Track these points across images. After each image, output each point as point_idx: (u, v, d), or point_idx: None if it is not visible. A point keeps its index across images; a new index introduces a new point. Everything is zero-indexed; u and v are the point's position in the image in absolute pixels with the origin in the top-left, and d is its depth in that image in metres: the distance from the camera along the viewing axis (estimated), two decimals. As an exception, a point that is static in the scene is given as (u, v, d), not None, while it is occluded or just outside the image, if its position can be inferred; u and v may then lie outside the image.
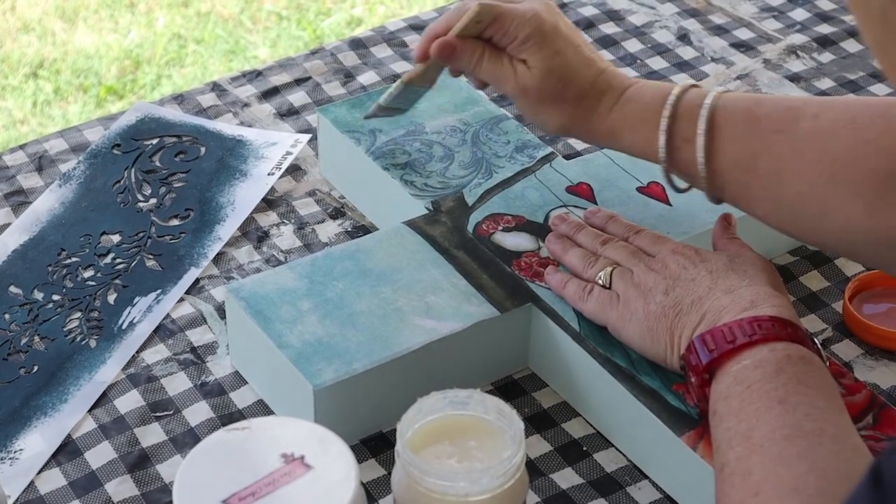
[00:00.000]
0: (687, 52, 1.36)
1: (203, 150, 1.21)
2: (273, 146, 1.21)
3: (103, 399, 0.99)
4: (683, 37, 1.38)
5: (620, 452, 0.95)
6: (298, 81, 1.31)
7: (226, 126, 1.24)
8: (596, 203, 1.07)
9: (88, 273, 1.09)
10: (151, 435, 0.96)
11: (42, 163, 1.20)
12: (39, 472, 0.94)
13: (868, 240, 0.89)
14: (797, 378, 0.82)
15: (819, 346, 0.87)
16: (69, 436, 0.96)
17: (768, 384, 0.81)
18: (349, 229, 1.14)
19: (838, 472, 0.76)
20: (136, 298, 1.06)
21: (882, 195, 0.87)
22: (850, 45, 1.37)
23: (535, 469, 0.94)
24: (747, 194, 0.94)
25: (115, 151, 1.21)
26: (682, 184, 0.99)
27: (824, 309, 1.07)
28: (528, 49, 0.99)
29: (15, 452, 0.95)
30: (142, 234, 1.12)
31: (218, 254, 1.11)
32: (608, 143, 1.02)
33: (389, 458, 0.94)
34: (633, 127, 0.98)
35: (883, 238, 0.88)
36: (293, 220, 1.15)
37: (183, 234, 1.12)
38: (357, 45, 1.36)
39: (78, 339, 1.03)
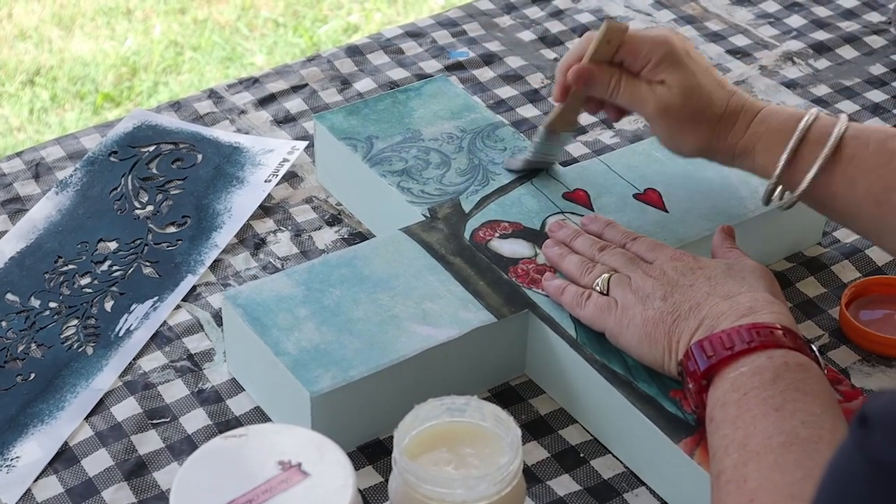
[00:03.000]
0: (683, 59, 1.36)
1: (200, 157, 1.21)
2: (270, 153, 1.21)
3: (100, 406, 0.99)
4: (680, 43, 1.38)
5: (617, 459, 0.95)
6: (295, 88, 1.31)
7: (222, 133, 1.24)
8: (593, 210, 1.07)
9: (85, 280, 1.09)
10: (148, 442, 0.96)
11: (39, 170, 1.20)
12: (36, 480, 0.94)
13: None
14: (794, 385, 0.82)
15: (817, 352, 0.87)
16: (66, 443, 0.96)
17: (765, 391, 0.81)
18: (346, 236, 1.14)
19: None
20: (133, 306, 1.06)
21: None
22: (846, 52, 1.37)
23: (532, 476, 0.94)
24: (879, 229, 0.96)
25: (112, 159, 1.21)
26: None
27: (821, 315, 1.07)
28: (665, 70, 1.00)
29: (12, 460, 0.95)
30: (139, 242, 1.12)
31: (215, 261, 1.11)
32: (740, 163, 1.02)
33: (386, 465, 0.94)
34: (768, 147, 0.99)
35: None
36: (290, 227, 1.15)
37: (180, 242, 1.12)
38: (353, 52, 1.36)
39: (75, 346, 1.03)
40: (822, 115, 0.98)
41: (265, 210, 1.16)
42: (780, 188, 1.00)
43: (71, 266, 1.10)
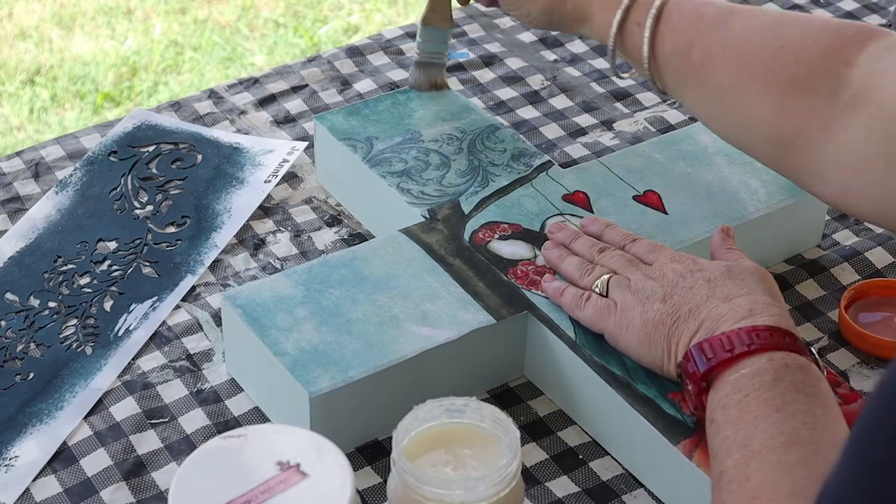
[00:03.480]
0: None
1: (200, 157, 1.21)
2: (270, 153, 1.21)
3: (99, 406, 0.99)
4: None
5: (616, 461, 0.95)
6: (295, 89, 1.31)
7: (222, 133, 1.24)
8: (592, 211, 1.07)
9: (85, 280, 1.09)
10: (147, 442, 0.96)
11: (38, 169, 1.20)
12: (35, 480, 0.94)
13: (767, 135, 0.96)
14: (795, 387, 0.82)
15: (816, 355, 0.87)
16: (65, 443, 0.96)
17: (766, 393, 0.81)
18: (345, 237, 1.14)
19: None
20: (133, 305, 1.06)
21: (788, 94, 0.95)
22: (847, 55, 1.37)
23: (530, 477, 0.94)
24: (683, 83, 1.02)
25: (112, 158, 1.21)
26: (624, 73, 1.10)
27: (820, 318, 1.07)
28: None
29: (10, 459, 0.95)
30: (138, 241, 1.12)
31: (214, 261, 1.11)
32: (582, 27, 1.07)
33: (385, 465, 0.94)
34: (603, 9, 1.05)
35: (778, 136, 0.95)
36: (290, 228, 1.15)
37: (179, 242, 1.12)
38: (354, 52, 1.36)
39: (74, 346, 1.03)
40: None
41: (265, 210, 1.16)
42: (613, 50, 1.05)
43: (70, 266, 1.10)
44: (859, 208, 0.94)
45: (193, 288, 1.09)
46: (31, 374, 1.01)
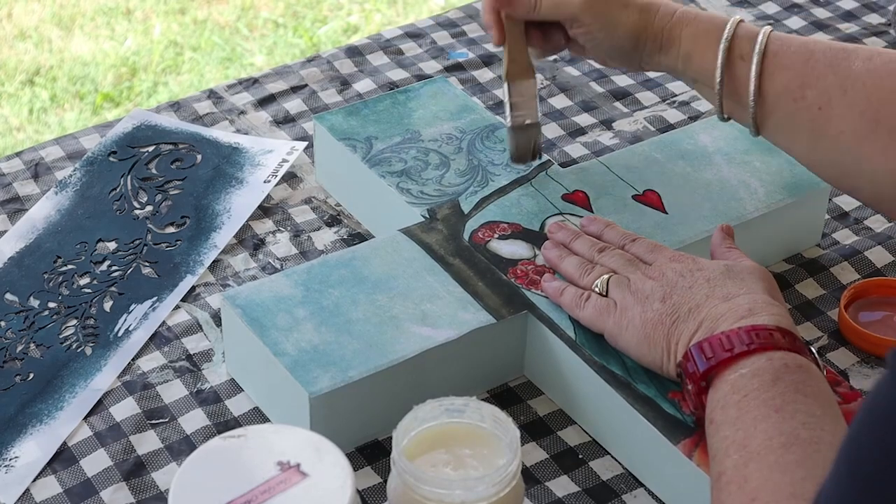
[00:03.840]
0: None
1: (199, 157, 1.21)
2: (269, 154, 1.21)
3: (99, 406, 0.99)
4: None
5: (616, 460, 0.95)
6: (295, 89, 1.31)
7: (222, 133, 1.24)
8: (592, 211, 1.07)
9: (84, 280, 1.09)
10: (147, 442, 0.96)
11: (38, 170, 1.20)
12: (35, 480, 0.94)
13: (895, 189, 0.90)
14: (794, 387, 0.82)
15: (816, 354, 0.87)
16: (65, 443, 0.96)
17: (765, 393, 0.81)
18: (345, 237, 1.14)
19: None
20: (132, 306, 1.06)
21: None
22: (846, 54, 1.37)
23: (530, 477, 0.94)
24: (791, 125, 0.95)
25: (112, 159, 1.21)
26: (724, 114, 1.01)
27: (820, 317, 1.07)
28: None
29: (10, 460, 0.95)
30: (138, 242, 1.12)
31: (214, 261, 1.11)
32: (667, 52, 1.01)
33: (385, 465, 0.94)
34: (696, 37, 0.99)
35: None
36: (289, 228, 1.15)
37: (179, 242, 1.12)
38: (353, 52, 1.36)
39: (74, 346, 1.03)
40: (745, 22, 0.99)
41: (264, 210, 1.16)
42: (722, 85, 0.98)
43: (70, 266, 1.10)
44: None
45: (193, 288, 1.09)
46: (31, 375, 1.01)
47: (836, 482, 0.59)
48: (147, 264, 1.10)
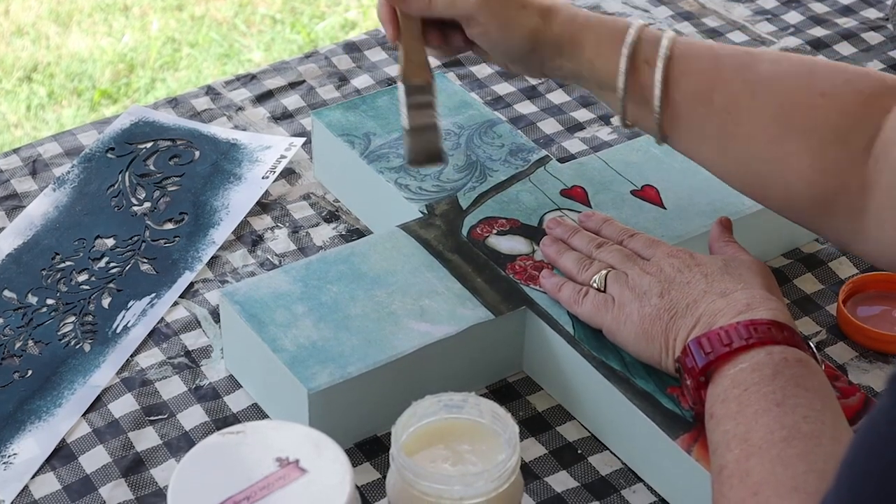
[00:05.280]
0: (681, 56, 1.36)
1: (197, 153, 1.21)
2: (267, 150, 1.21)
3: (97, 403, 0.99)
4: (677, 40, 1.38)
5: (615, 455, 0.95)
6: (293, 85, 1.31)
7: (220, 130, 1.24)
8: (590, 206, 1.07)
9: (83, 277, 1.09)
10: (146, 439, 0.96)
11: (36, 167, 1.20)
12: (34, 477, 0.94)
13: (808, 195, 0.89)
14: (794, 381, 0.82)
15: (814, 349, 0.87)
16: (63, 440, 0.96)
17: (766, 387, 0.81)
18: (343, 233, 1.14)
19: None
20: (131, 302, 1.06)
21: (828, 147, 0.87)
22: (844, 49, 1.37)
23: (529, 472, 0.94)
24: (700, 131, 0.93)
25: (110, 155, 1.21)
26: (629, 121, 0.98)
27: (818, 312, 1.07)
28: None
29: (9, 457, 0.95)
30: (136, 238, 1.12)
31: (212, 257, 1.11)
32: (568, 58, 0.98)
33: (384, 461, 0.94)
34: (599, 42, 0.95)
35: (816, 195, 0.88)
36: (287, 224, 1.15)
37: (177, 238, 1.12)
38: (351, 48, 1.36)
39: (72, 343, 1.03)
40: (650, 26, 0.96)
41: (263, 207, 1.16)
42: (626, 91, 0.95)
43: (68, 263, 1.10)
44: None
45: (191, 284, 1.09)
46: (30, 372, 1.01)
47: (837, 498, 0.59)
48: (145, 261, 1.10)
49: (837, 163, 0.87)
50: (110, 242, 1.12)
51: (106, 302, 1.06)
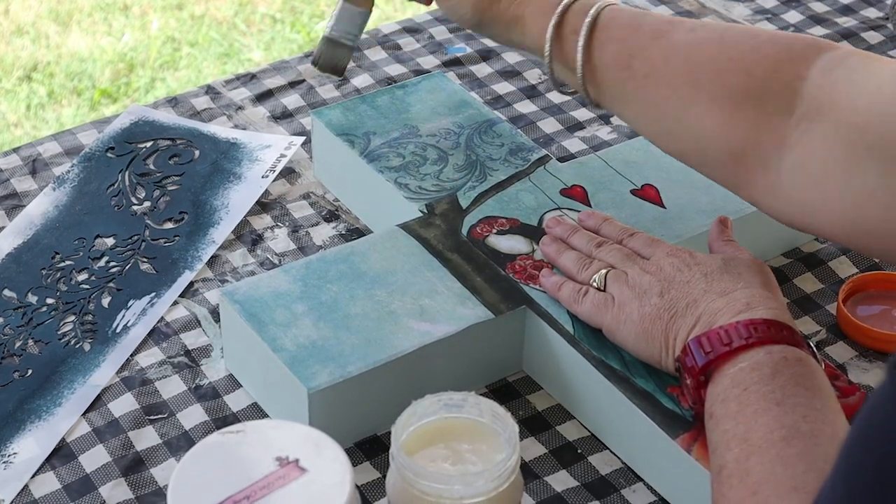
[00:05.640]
0: (681, 55, 1.36)
1: (197, 153, 1.21)
2: (267, 149, 1.21)
3: (97, 402, 0.99)
4: (677, 39, 1.38)
5: (615, 455, 0.95)
6: (292, 84, 1.31)
7: (220, 129, 1.24)
8: (590, 206, 1.07)
9: (82, 276, 1.09)
10: (146, 438, 0.96)
11: (36, 166, 1.20)
12: (33, 476, 0.94)
13: (717, 149, 0.93)
14: (794, 380, 0.82)
15: (814, 348, 0.87)
16: (63, 439, 0.96)
17: (765, 386, 0.82)
18: (343, 232, 1.14)
19: None
20: (131, 301, 1.06)
21: (737, 108, 0.91)
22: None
23: (529, 472, 0.94)
24: (621, 96, 0.98)
25: (109, 154, 1.21)
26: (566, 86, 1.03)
27: (818, 311, 1.07)
28: None
29: (9, 456, 0.95)
30: (136, 238, 1.12)
31: (212, 257, 1.11)
32: (513, 34, 1.03)
33: (384, 461, 0.94)
34: (535, 17, 1.01)
35: (729, 150, 0.92)
36: (287, 223, 1.15)
37: (177, 237, 1.12)
38: (351, 47, 1.36)
39: (72, 342, 1.03)
40: None
41: (262, 206, 1.16)
42: (549, 61, 1.01)
43: (68, 262, 1.10)
44: (819, 224, 0.90)
45: (191, 284, 1.09)
46: (30, 371, 1.01)
47: (832, 492, 0.59)
48: (145, 260, 1.10)
49: (748, 122, 0.91)
50: (110, 242, 1.12)
51: (106, 301, 1.06)
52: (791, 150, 0.89)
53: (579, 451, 0.96)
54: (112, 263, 1.10)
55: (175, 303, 1.07)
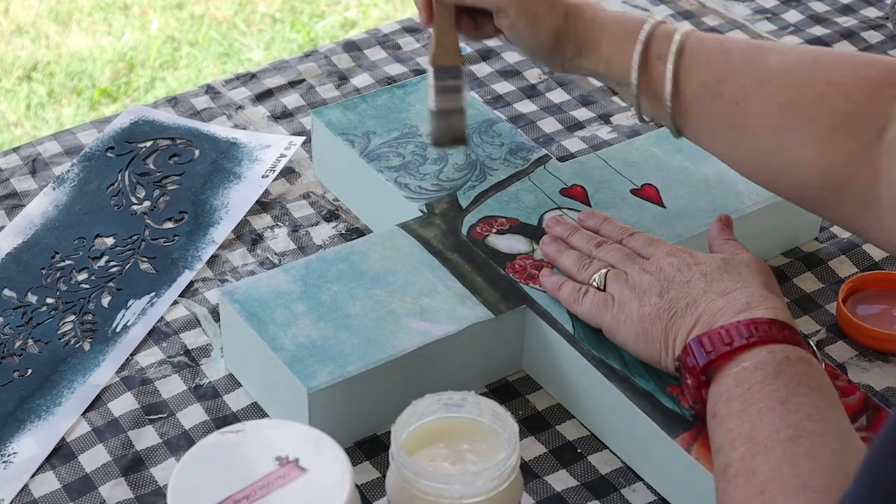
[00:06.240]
0: (681, 55, 1.36)
1: (197, 152, 1.21)
2: (267, 148, 1.21)
3: (97, 402, 0.99)
4: (677, 39, 1.38)
5: (615, 454, 0.95)
6: (292, 84, 1.31)
7: (220, 129, 1.24)
8: (590, 205, 1.07)
9: (82, 276, 1.08)
10: (145, 438, 0.96)
11: (36, 165, 1.20)
12: (33, 476, 0.94)
13: (818, 184, 0.91)
14: (797, 379, 0.82)
15: (814, 347, 0.87)
16: (63, 439, 0.96)
17: (769, 385, 0.82)
18: (343, 232, 1.14)
19: (843, 470, 0.76)
20: (130, 301, 1.06)
21: (836, 135, 0.89)
22: (844, 48, 1.37)
23: (529, 471, 0.94)
24: (710, 124, 0.95)
25: (109, 154, 1.21)
26: (647, 115, 1.01)
27: (818, 310, 1.07)
28: None
29: (9, 456, 0.95)
30: (136, 237, 1.12)
31: (212, 256, 1.11)
32: (586, 57, 1.01)
33: (384, 460, 0.94)
34: (615, 39, 0.99)
35: (832, 184, 0.90)
36: (287, 223, 1.15)
37: (177, 237, 1.12)
38: (351, 47, 1.36)
39: (72, 342, 1.03)
40: (664, 22, 0.99)
41: (262, 206, 1.16)
42: (639, 87, 0.98)
43: (68, 262, 1.10)
44: None
45: (191, 283, 1.09)
46: (29, 371, 1.01)
47: (856, 499, 0.59)
48: (145, 260, 1.10)
49: (847, 151, 0.89)
50: (110, 241, 1.12)
51: (106, 301, 1.06)
52: (885, 178, 0.87)
53: (579, 450, 0.96)
54: (112, 263, 1.10)
55: (175, 302, 1.07)
